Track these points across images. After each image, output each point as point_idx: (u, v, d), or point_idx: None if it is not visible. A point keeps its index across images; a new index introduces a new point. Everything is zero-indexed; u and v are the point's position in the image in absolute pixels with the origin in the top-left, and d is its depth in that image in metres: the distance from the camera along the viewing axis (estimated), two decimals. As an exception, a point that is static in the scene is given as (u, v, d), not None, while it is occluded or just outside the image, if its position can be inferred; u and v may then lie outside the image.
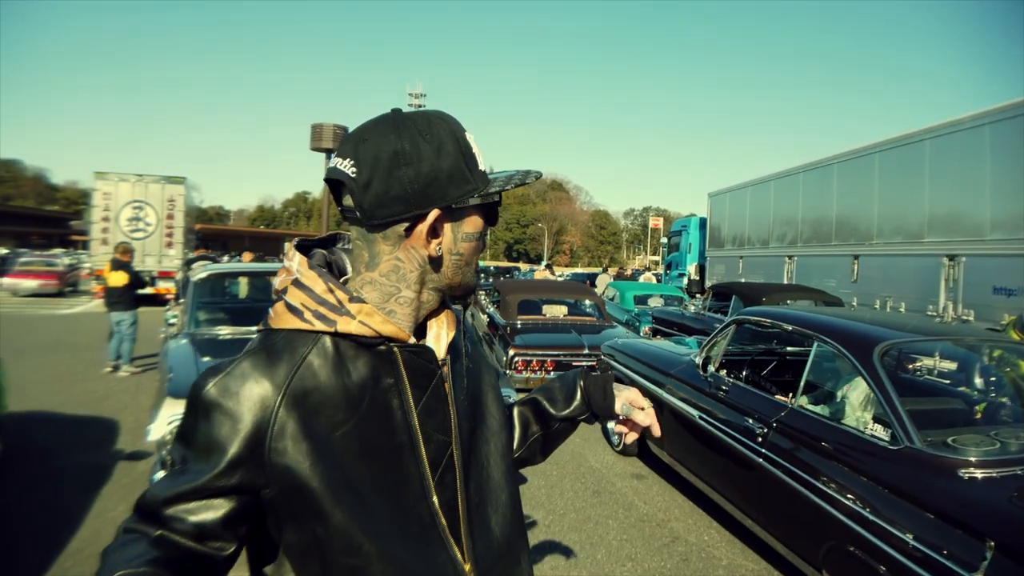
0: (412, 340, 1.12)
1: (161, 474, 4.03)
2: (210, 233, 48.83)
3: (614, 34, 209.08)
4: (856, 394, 4.12)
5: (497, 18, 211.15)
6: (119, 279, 10.00)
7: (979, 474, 3.19)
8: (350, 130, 1.10)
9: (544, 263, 51.16)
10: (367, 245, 1.11)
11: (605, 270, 32.76)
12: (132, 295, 10.14)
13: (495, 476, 1.24)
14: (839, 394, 4.28)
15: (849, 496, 3.56)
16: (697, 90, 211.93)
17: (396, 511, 1.06)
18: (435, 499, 1.10)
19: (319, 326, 1.05)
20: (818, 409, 4.30)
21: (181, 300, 6.58)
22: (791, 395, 4.53)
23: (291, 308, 1.07)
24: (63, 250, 56.24)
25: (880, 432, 3.66)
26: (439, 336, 1.21)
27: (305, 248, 1.17)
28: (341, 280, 1.13)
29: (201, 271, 6.60)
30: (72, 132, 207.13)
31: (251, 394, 0.99)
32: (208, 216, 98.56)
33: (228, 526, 1.01)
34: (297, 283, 1.09)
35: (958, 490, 3.12)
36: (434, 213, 1.08)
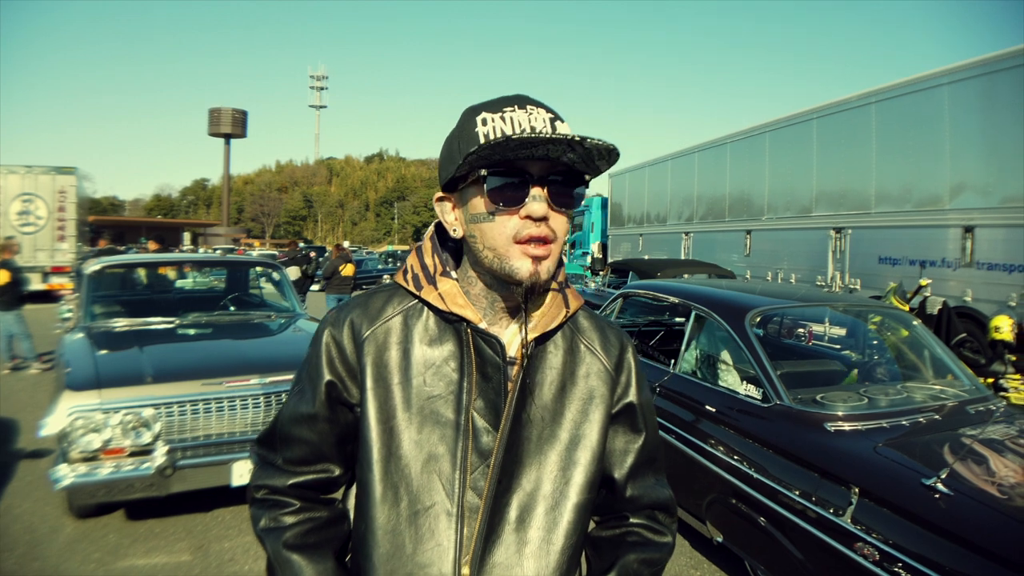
0: (483, 325, 1.15)
1: (63, 467, 4.09)
2: (104, 224, 46.69)
3: (522, 17, 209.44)
4: (731, 358, 4.35)
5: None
6: (1, 278, 9.68)
7: (846, 427, 3.39)
8: (249, 114, 1.17)
9: None
10: None
11: None
12: (16, 293, 9.81)
13: (555, 503, 1.14)
14: (716, 359, 4.49)
15: (726, 452, 3.76)
16: (604, 70, 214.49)
17: (419, 482, 1.10)
18: (457, 490, 1.09)
19: (411, 288, 1.19)
20: (697, 373, 4.51)
21: (77, 294, 6.47)
22: (673, 362, 4.76)
23: (404, 268, 1.23)
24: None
25: (753, 392, 3.87)
26: (520, 329, 1.16)
27: None
28: None
29: (94, 264, 6.52)
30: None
31: (348, 328, 1.19)
32: (102, 207, 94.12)
33: (338, 444, 1.23)
34: (419, 249, 1.24)
35: (825, 442, 3.31)
36: (436, 195, 1.20)
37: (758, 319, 4.54)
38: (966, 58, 9.53)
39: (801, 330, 6.18)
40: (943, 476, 2.77)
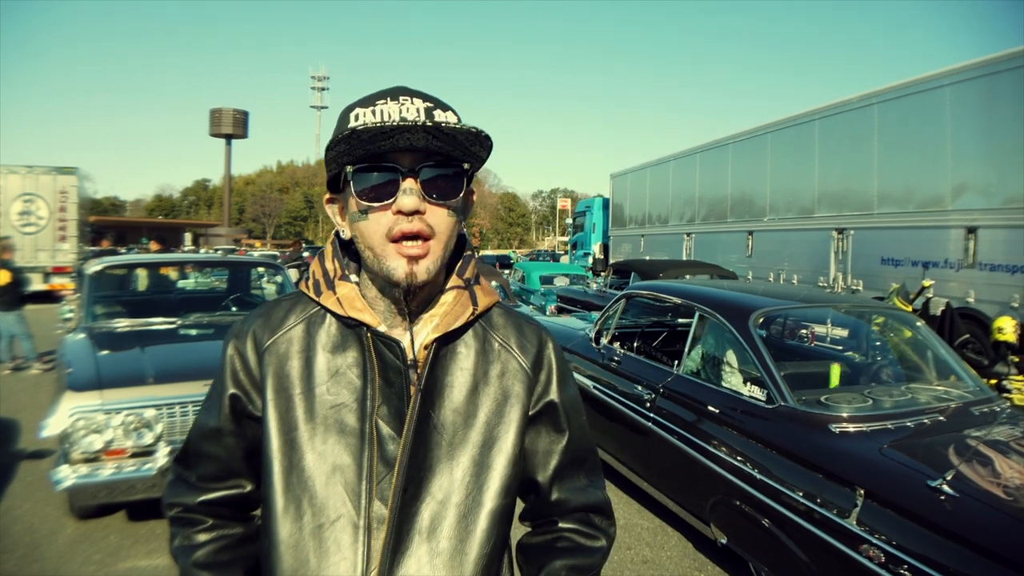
0: (383, 328, 1.10)
1: (64, 468, 4.08)
2: (106, 225, 46.62)
3: (523, 17, 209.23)
4: (735, 359, 4.33)
5: None
6: (1, 278, 9.66)
7: (851, 428, 3.38)
8: (250, 115, 1.12)
9: None
10: None
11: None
12: (16, 294, 9.79)
13: (467, 510, 1.09)
14: (720, 360, 4.47)
15: (730, 453, 3.75)
16: (604, 70, 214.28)
17: (323, 494, 1.06)
18: (363, 501, 1.05)
19: (311, 294, 1.15)
20: (700, 374, 4.49)
21: (78, 295, 6.47)
22: (676, 363, 4.77)
23: (307, 275, 1.19)
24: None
25: (757, 393, 3.86)
26: (420, 331, 1.12)
27: None
28: None
29: (96, 264, 6.52)
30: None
31: (251, 339, 1.16)
32: (103, 207, 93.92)
33: (247, 459, 1.19)
34: (321, 254, 1.19)
35: (830, 444, 3.31)
36: (325, 198, 1.16)
37: (761, 320, 4.53)
38: (968, 59, 9.53)
39: (804, 331, 6.19)
40: (948, 478, 2.76)
